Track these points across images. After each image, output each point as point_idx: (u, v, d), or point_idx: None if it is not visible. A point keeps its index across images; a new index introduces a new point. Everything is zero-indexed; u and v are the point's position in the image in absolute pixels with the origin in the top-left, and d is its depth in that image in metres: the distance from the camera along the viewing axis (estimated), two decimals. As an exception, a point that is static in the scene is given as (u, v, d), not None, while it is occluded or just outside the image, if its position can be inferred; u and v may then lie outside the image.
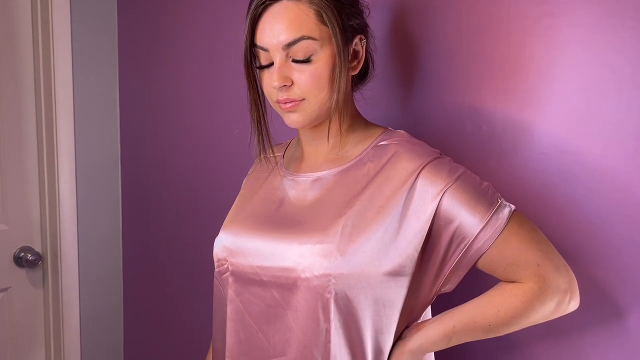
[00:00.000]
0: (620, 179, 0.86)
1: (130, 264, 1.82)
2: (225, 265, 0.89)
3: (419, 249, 0.79)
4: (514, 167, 0.96)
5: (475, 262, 0.80)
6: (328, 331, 0.78)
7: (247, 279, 0.86)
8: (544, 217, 0.93)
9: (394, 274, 0.79)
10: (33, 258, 1.62)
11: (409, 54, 1.07)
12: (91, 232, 1.75)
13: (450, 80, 1.02)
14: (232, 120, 1.43)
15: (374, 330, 0.80)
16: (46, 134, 1.64)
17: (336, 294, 0.77)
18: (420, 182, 0.79)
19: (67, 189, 1.67)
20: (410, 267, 0.79)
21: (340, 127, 0.86)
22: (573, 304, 0.80)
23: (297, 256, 0.80)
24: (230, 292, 0.88)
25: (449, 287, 0.84)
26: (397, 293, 0.80)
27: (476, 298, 0.83)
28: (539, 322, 0.81)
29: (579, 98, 0.89)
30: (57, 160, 1.64)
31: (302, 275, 0.79)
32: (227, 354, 0.88)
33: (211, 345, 0.99)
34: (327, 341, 0.78)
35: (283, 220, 0.86)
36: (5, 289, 1.62)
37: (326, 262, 0.77)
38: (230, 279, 0.88)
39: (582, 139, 0.89)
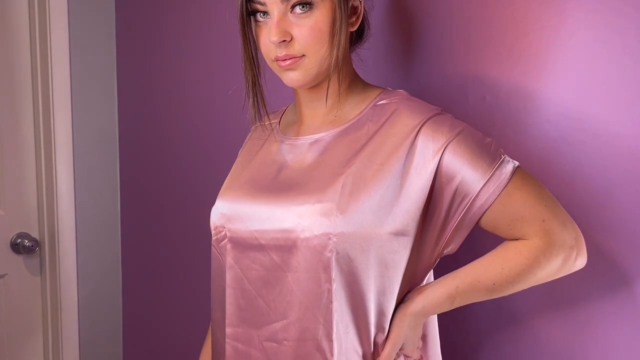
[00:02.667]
0: (627, 145, 0.85)
1: (129, 249, 1.80)
2: (223, 232, 0.87)
3: (421, 208, 0.77)
4: (520, 136, 0.94)
5: (479, 220, 0.78)
6: (330, 291, 0.76)
7: (246, 244, 0.84)
8: (551, 185, 0.91)
9: (398, 233, 0.77)
10: (30, 244, 1.60)
11: (407, 16, 1.05)
12: (89, 218, 1.73)
13: (451, 46, 1.00)
14: (233, 99, 1.41)
15: (376, 291, 0.78)
16: (43, 117, 1.61)
17: (337, 253, 0.75)
18: (421, 139, 0.77)
19: (64, 174, 1.64)
20: (413, 227, 0.78)
21: (339, 87, 0.84)
22: (580, 261, 0.79)
23: (296, 217, 0.78)
24: (229, 259, 0.86)
25: (452, 249, 0.82)
26: (401, 254, 0.78)
27: (480, 258, 0.81)
28: (545, 281, 0.79)
29: (584, 63, 0.87)
30: (54, 144, 1.62)
31: (302, 236, 0.77)
32: (227, 322, 0.86)
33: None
34: (329, 302, 0.76)
35: (281, 185, 0.84)
36: (2, 276, 1.60)
37: (326, 221, 0.75)
38: (229, 246, 0.86)
39: (588, 105, 0.88)
